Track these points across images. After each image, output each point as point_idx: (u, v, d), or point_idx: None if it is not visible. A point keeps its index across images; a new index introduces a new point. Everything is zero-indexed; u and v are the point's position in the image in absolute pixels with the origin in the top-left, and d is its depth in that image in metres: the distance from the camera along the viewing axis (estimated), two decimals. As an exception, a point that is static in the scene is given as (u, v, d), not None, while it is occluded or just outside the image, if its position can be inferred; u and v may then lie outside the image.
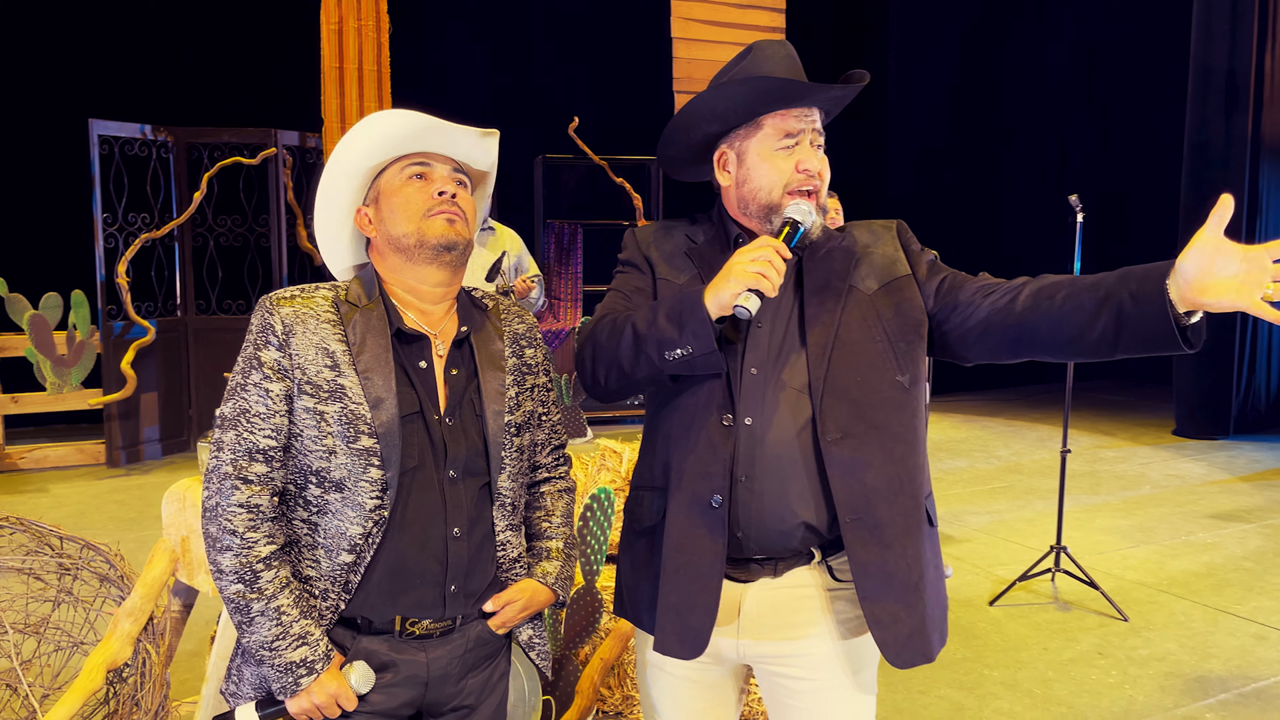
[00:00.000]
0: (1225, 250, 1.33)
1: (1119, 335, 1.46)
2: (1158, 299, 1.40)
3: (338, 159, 1.59)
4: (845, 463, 1.56)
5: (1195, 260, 1.35)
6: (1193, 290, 1.37)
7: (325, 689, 1.49)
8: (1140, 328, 1.43)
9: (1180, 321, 1.40)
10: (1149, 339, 1.43)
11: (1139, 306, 1.42)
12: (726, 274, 1.49)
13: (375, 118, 1.55)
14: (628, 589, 1.75)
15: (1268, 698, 3.22)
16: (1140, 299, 1.42)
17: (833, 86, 1.66)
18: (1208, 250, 1.34)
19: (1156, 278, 1.41)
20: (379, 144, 1.57)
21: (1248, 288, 1.33)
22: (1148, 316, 1.41)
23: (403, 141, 1.56)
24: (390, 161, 1.59)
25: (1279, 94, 7.51)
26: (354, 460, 1.49)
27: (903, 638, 1.58)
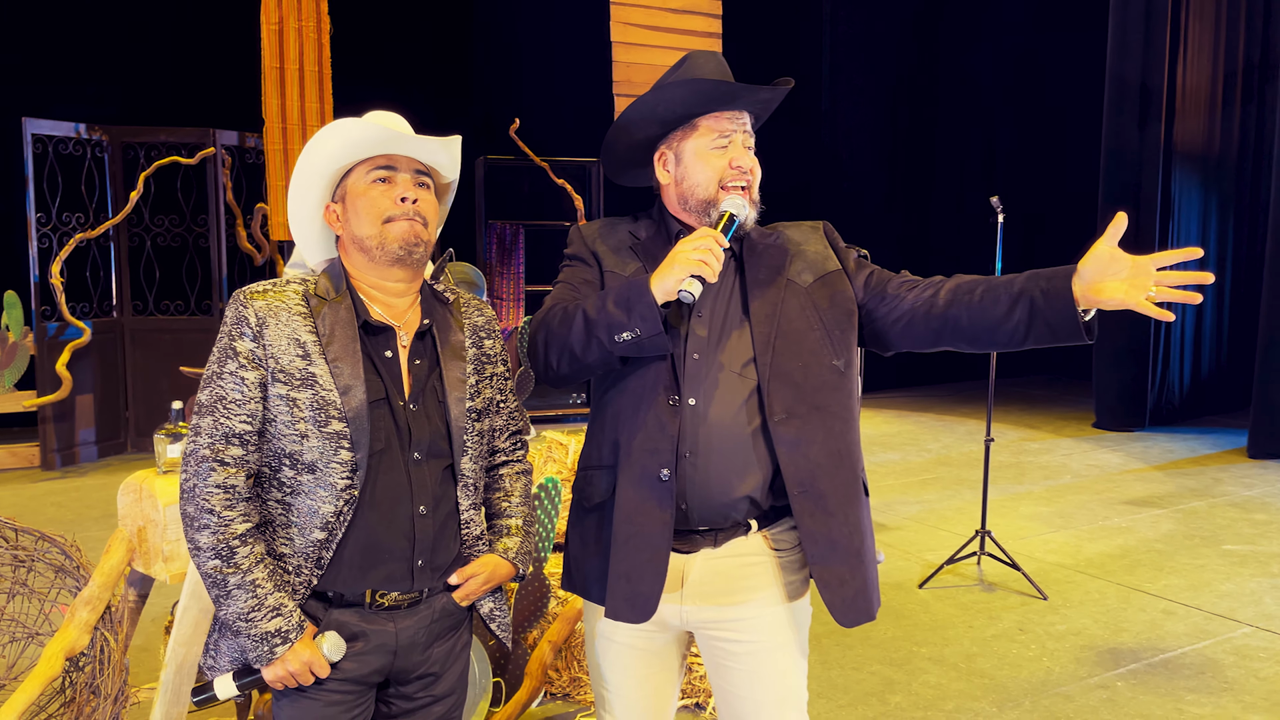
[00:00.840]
0: (1118, 258, 1.57)
1: (1030, 326, 1.67)
2: (1065, 296, 1.62)
3: (307, 159, 1.69)
4: (791, 440, 1.70)
5: (1093, 265, 1.59)
6: (1090, 290, 1.60)
7: (299, 657, 1.58)
8: (1049, 320, 1.64)
9: (1081, 317, 1.61)
10: (1056, 330, 1.65)
11: (1048, 302, 1.64)
12: (671, 262, 1.62)
13: (343, 124, 1.65)
14: (576, 564, 1.87)
15: (1174, 667, 3.45)
16: (1050, 295, 1.64)
17: (761, 88, 1.82)
18: (1104, 258, 1.58)
19: (1063, 278, 1.63)
20: (345, 148, 1.66)
21: (1135, 290, 1.56)
22: (1056, 311, 1.63)
23: (369, 145, 1.66)
24: (357, 162, 1.69)
25: (1189, 105, 7.91)
26: (325, 443, 1.59)
27: (849, 598, 1.73)
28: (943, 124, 10.41)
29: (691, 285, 1.60)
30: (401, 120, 1.75)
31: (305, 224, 1.75)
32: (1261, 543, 4.87)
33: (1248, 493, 5.85)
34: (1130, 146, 7.74)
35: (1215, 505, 5.57)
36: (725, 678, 1.83)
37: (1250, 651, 3.57)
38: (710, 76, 1.84)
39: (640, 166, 1.97)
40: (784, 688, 1.81)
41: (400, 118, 1.75)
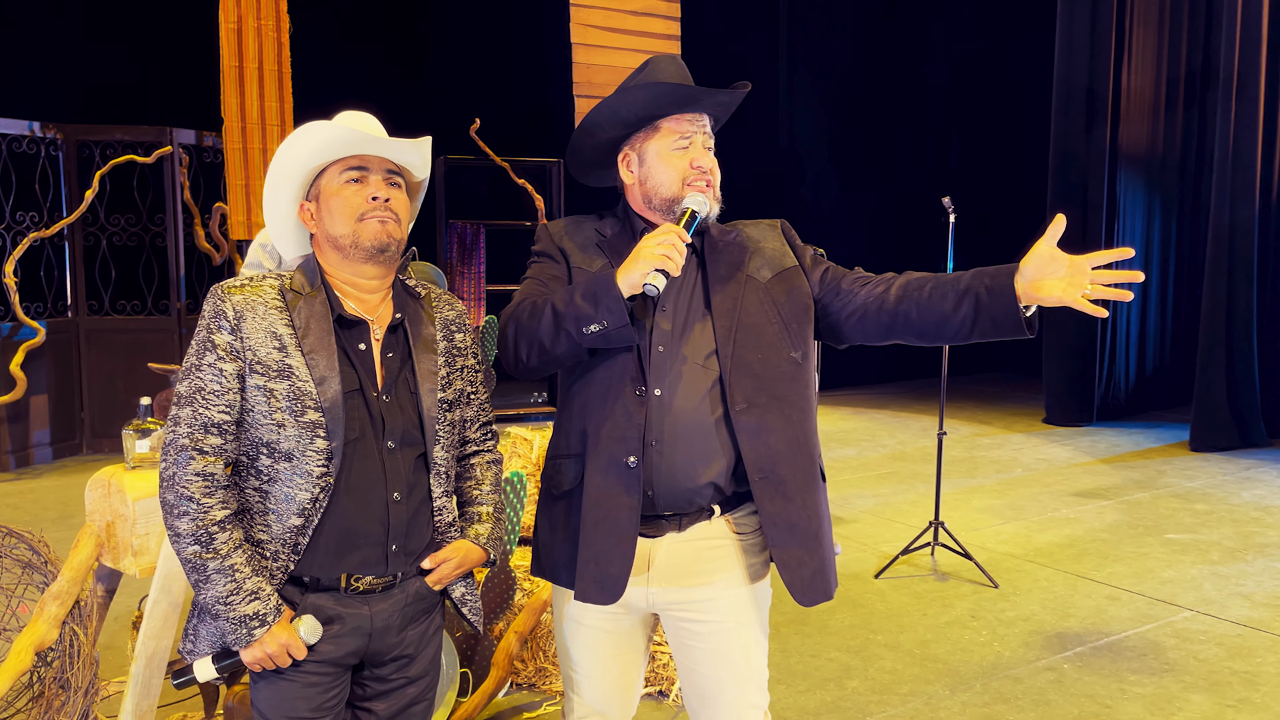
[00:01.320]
0: (1057, 257, 1.68)
1: (976, 321, 1.77)
2: (1008, 293, 1.72)
3: (280, 160, 1.74)
4: (752, 429, 1.79)
5: (1034, 265, 1.70)
6: (1031, 288, 1.70)
7: (277, 639, 1.63)
8: (993, 315, 1.75)
9: (1022, 313, 1.72)
10: (999, 325, 1.76)
11: (992, 298, 1.74)
12: (636, 257, 1.70)
13: (315, 127, 1.69)
14: (545, 550, 1.94)
15: (1118, 649, 3.59)
16: (994, 292, 1.74)
17: (720, 92, 1.90)
18: (1044, 257, 1.69)
19: (1006, 276, 1.74)
20: (318, 150, 1.71)
21: (1072, 288, 1.67)
22: (999, 307, 1.73)
23: (341, 147, 1.71)
24: (330, 163, 1.74)
25: (1134, 110, 8.14)
26: (302, 432, 1.64)
27: (807, 579, 1.82)
28: (896, 126, 10.60)
29: (656, 279, 1.68)
30: (373, 120, 1.80)
31: (280, 221, 1.80)
32: (1202, 531, 5.05)
33: (1189, 484, 6.06)
34: (1077, 149, 7.95)
35: (1159, 496, 5.76)
36: (690, 657, 1.91)
37: (1190, 635, 3.72)
38: (671, 80, 1.92)
39: (605, 167, 2.04)
40: (746, 665, 1.89)
41: (371, 118, 1.81)
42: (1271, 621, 3.83)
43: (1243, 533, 5.02)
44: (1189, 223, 8.68)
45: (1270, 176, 7.21)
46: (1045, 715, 3.09)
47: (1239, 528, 5.11)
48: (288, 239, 1.82)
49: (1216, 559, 4.61)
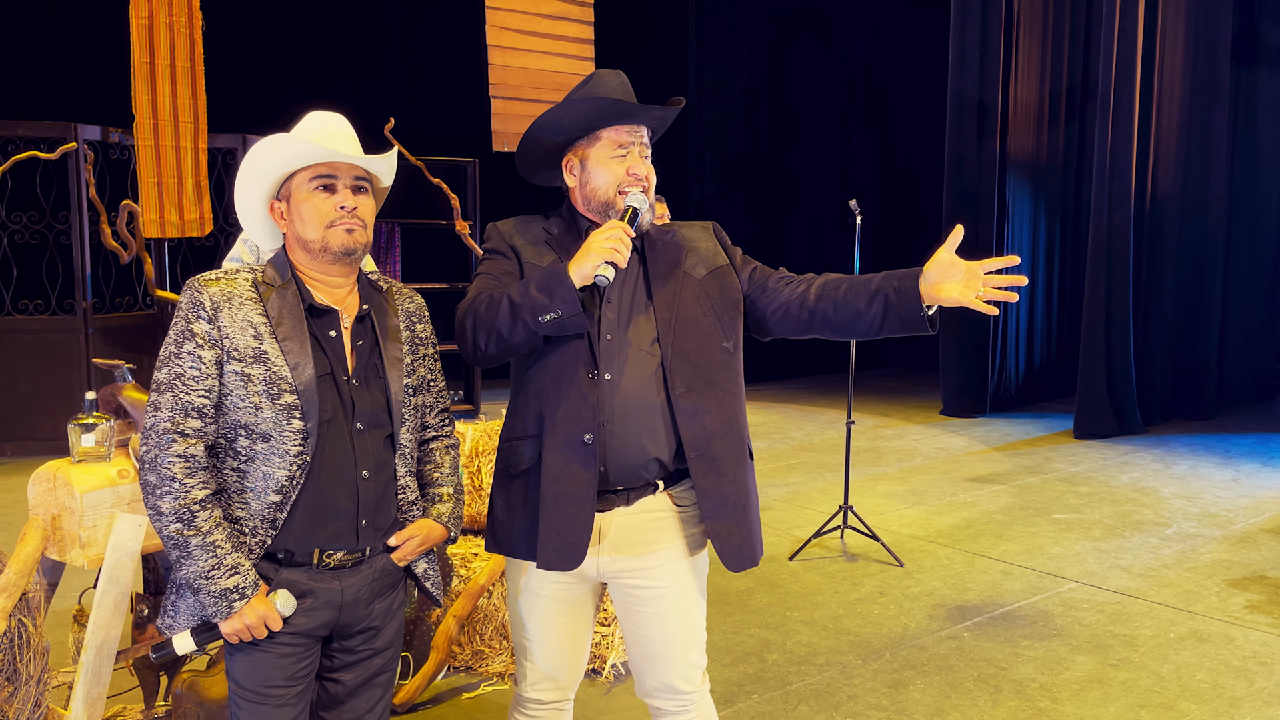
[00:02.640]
0: (955, 263, 1.93)
1: (885, 319, 2.01)
2: (914, 293, 1.96)
3: (251, 165, 1.83)
4: (689, 410, 1.97)
5: (935, 269, 1.94)
6: (933, 290, 1.94)
7: (255, 611, 1.74)
8: (900, 314, 1.98)
9: (925, 312, 1.95)
10: (905, 322, 1.99)
11: (900, 298, 1.98)
12: (586, 250, 1.86)
13: (286, 140, 1.79)
14: (503, 526, 2.08)
15: (1012, 619, 3.90)
16: (901, 293, 1.98)
17: (656, 108, 2.08)
18: (944, 263, 1.93)
19: (912, 279, 1.97)
20: (288, 159, 1.82)
21: (968, 290, 1.92)
22: (905, 306, 1.97)
23: (311, 157, 1.81)
24: (300, 168, 1.84)
25: (1021, 120, 8.63)
26: (279, 414, 1.75)
27: (735, 547, 2.01)
28: (800, 133, 10.97)
29: (606, 270, 1.85)
30: (342, 121, 1.90)
31: (252, 217, 1.91)
32: (1085, 511, 5.45)
33: (1074, 469, 6.50)
34: (970, 157, 8.40)
35: (1046, 480, 6.17)
36: (636, 621, 2.08)
37: (1076, 603, 4.05)
38: (613, 94, 2.09)
39: (550, 169, 2.20)
40: (688, 627, 2.08)
41: (340, 118, 1.90)
42: (1147, 590, 4.20)
43: (1121, 512, 5.44)
44: (1071, 226, 9.24)
45: (1144, 183, 7.75)
46: (948, 679, 3.36)
47: (1118, 507, 5.53)
48: (261, 233, 1.92)
49: (1098, 536, 4.99)
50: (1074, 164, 9.06)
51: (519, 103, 7.60)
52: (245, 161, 1.83)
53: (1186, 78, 7.90)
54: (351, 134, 1.89)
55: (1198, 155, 8.03)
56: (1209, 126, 8.00)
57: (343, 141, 1.86)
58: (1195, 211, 8.08)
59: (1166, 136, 7.90)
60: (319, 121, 1.88)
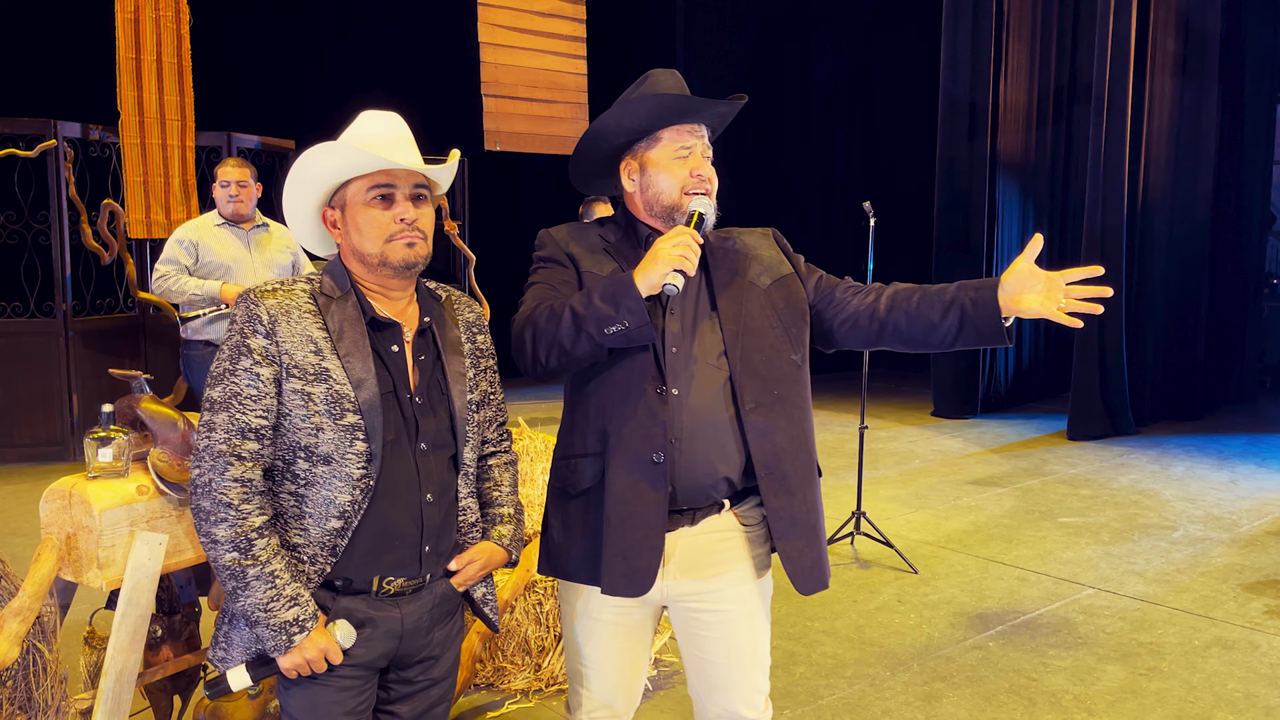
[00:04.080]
0: (1035, 274, 1.85)
1: (961, 330, 1.93)
2: (991, 305, 1.88)
3: (303, 172, 1.71)
4: (759, 427, 1.88)
5: (1014, 280, 1.86)
6: (1011, 301, 1.87)
7: (315, 644, 1.64)
8: (977, 325, 1.90)
9: (1003, 324, 1.89)
10: (982, 334, 1.91)
11: (977, 310, 1.90)
12: (654, 258, 1.77)
13: (341, 149, 1.66)
14: (559, 548, 1.98)
15: (1035, 626, 3.86)
16: (978, 304, 1.90)
17: (719, 102, 2.00)
18: (1023, 274, 1.86)
19: (989, 289, 1.89)
20: (341, 168, 1.70)
21: (1049, 302, 1.85)
22: (983, 318, 1.89)
23: (366, 165, 1.69)
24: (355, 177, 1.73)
25: (1010, 121, 8.63)
26: (341, 435, 1.65)
27: (806, 568, 1.93)
28: (787, 134, 10.92)
29: (675, 279, 1.76)
30: (399, 124, 1.79)
31: (302, 224, 1.80)
32: (1090, 514, 5.44)
33: (1072, 471, 6.49)
34: (961, 157, 8.39)
35: (1047, 483, 6.16)
36: (699, 646, 2.00)
37: (1096, 610, 4.02)
38: (671, 92, 2.00)
39: (604, 176, 2.11)
40: (754, 652, 1.99)
41: (397, 120, 1.79)
42: (1164, 596, 4.18)
43: (1126, 515, 5.43)
44: (1058, 227, 9.26)
45: (1136, 184, 7.78)
46: (980, 691, 3.30)
47: (1122, 510, 5.52)
48: (311, 240, 1.82)
49: (1107, 540, 4.98)
50: (1061, 165, 9.08)
51: (511, 101, 7.49)
52: (296, 167, 1.72)
53: (1176, 78, 7.94)
54: (408, 135, 1.78)
55: (1187, 155, 8.08)
56: (1198, 127, 8.05)
57: (401, 147, 1.74)
58: (1184, 211, 8.13)
59: (1157, 137, 7.94)
60: (375, 124, 1.76)
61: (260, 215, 4.76)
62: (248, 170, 4.63)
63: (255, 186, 4.65)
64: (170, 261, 4.54)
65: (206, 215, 4.70)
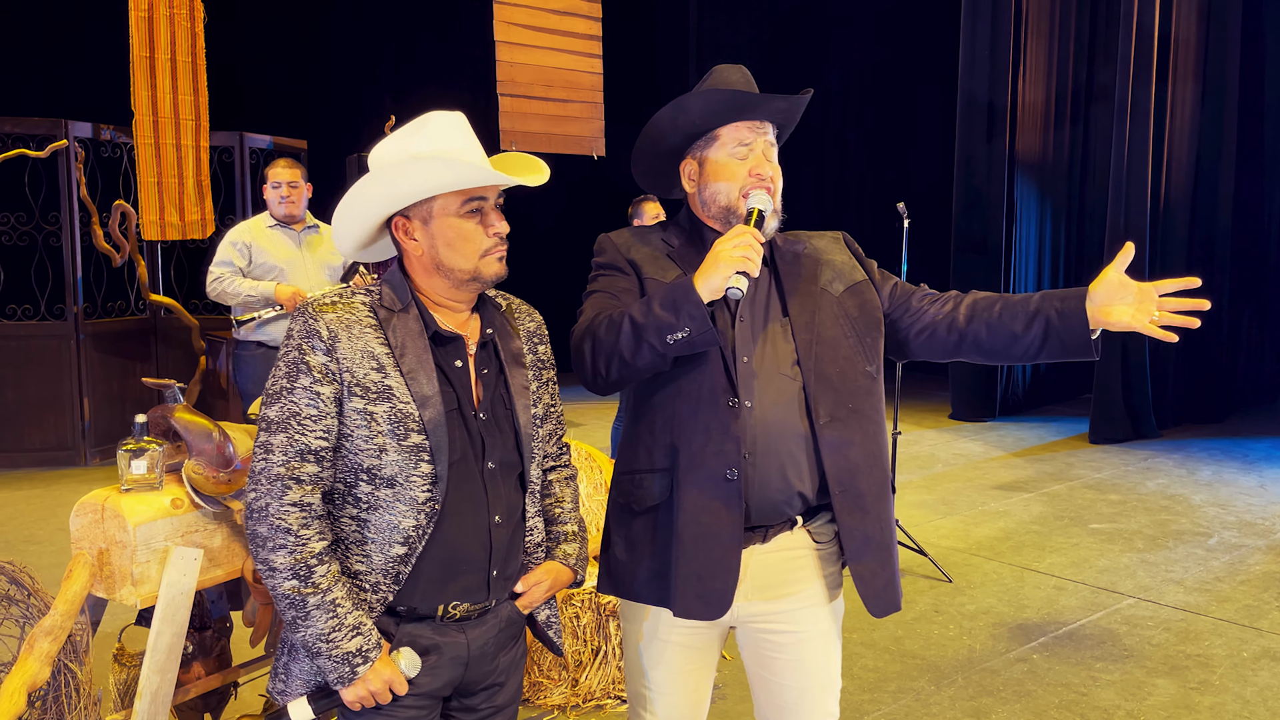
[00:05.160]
0: (1126, 284, 1.74)
1: (1045, 343, 1.82)
2: (1079, 316, 1.78)
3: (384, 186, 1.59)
4: (834, 442, 1.79)
5: (1104, 290, 1.75)
6: (1100, 312, 1.76)
7: (380, 675, 1.55)
8: (1062, 338, 1.80)
9: (1090, 335, 1.78)
10: (1068, 347, 1.81)
11: (1063, 321, 1.79)
12: (714, 261, 1.66)
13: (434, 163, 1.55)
14: (624, 567, 1.89)
15: (1079, 638, 3.77)
16: (1065, 315, 1.79)
17: (778, 97, 1.90)
18: (1114, 284, 1.75)
19: (1077, 300, 1.79)
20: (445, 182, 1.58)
21: (1141, 314, 1.73)
22: (1070, 330, 1.79)
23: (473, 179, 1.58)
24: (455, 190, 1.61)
25: (1027, 120, 8.55)
26: (405, 457, 1.56)
27: (879, 590, 1.84)
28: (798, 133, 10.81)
29: (739, 281, 1.65)
30: (463, 124, 1.68)
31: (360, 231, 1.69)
32: (1121, 520, 5.35)
33: (1098, 475, 6.41)
34: (979, 157, 8.31)
35: (1073, 488, 6.07)
36: (769, 667, 1.91)
37: (1139, 621, 3.93)
38: (732, 87, 1.92)
39: (667, 176, 2.03)
40: (827, 675, 1.91)
41: (463, 121, 1.68)
42: (1207, 606, 4.09)
43: (1158, 521, 5.34)
44: (1075, 227, 9.18)
45: (1159, 185, 7.69)
46: (1030, 706, 3.22)
47: (1153, 516, 5.43)
48: (352, 245, 1.71)
49: (1141, 547, 4.89)
50: (1078, 165, 9.00)
51: (526, 100, 7.39)
52: (372, 180, 1.59)
53: (1197, 79, 7.85)
54: (478, 144, 1.68)
55: (1208, 157, 7.99)
56: (1219, 127, 7.96)
57: (482, 156, 1.65)
58: (1205, 212, 8.04)
59: (1178, 138, 7.85)
60: (450, 136, 1.62)
61: (311, 216, 4.74)
62: (299, 171, 4.61)
63: (306, 187, 4.65)
64: (224, 263, 4.52)
65: (258, 216, 4.70)
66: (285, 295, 4.43)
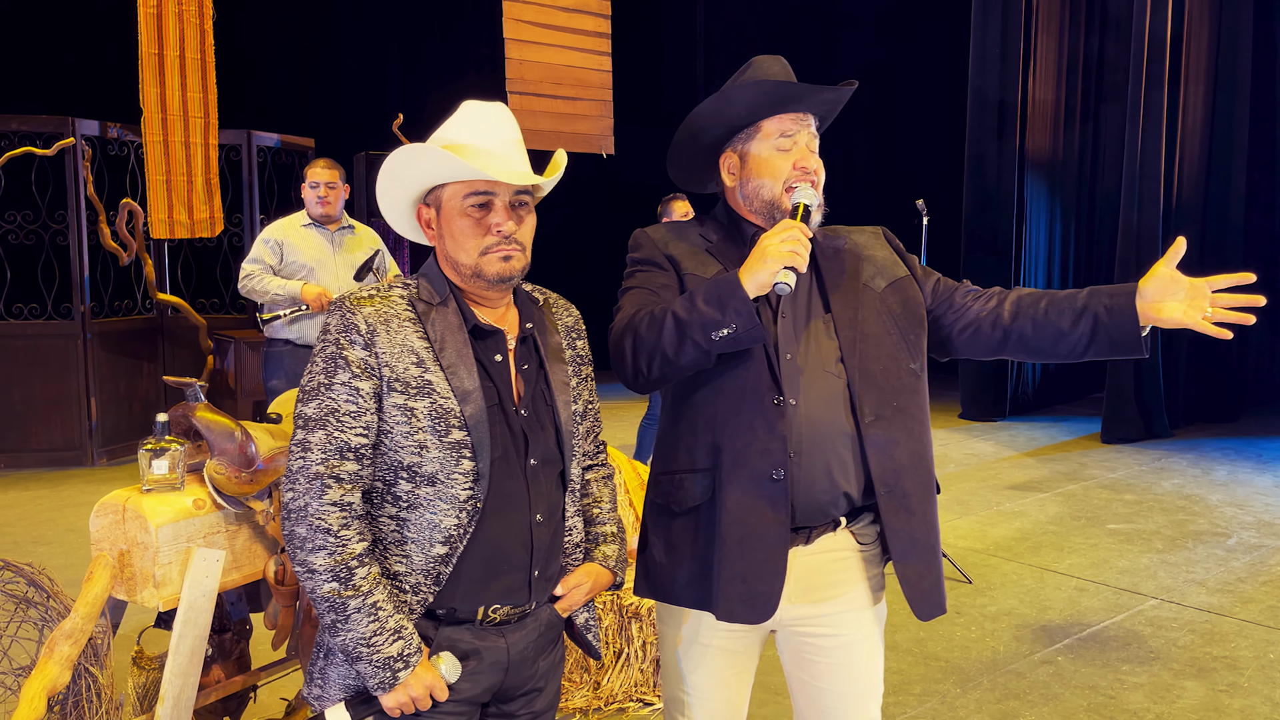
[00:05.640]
0: (1178, 280, 1.69)
1: (1093, 340, 1.77)
2: (1129, 313, 1.73)
3: (394, 170, 1.58)
4: (880, 442, 1.75)
5: (1155, 286, 1.70)
6: (1150, 309, 1.71)
7: (421, 681, 1.51)
8: (1111, 335, 1.75)
9: (1140, 333, 1.73)
10: (1116, 344, 1.76)
11: (1112, 318, 1.74)
12: (761, 256, 1.62)
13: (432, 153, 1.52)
14: (661, 570, 1.85)
15: (1103, 640, 3.73)
16: (1114, 312, 1.74)
17: (824, 89, 1.86)
18: (1165, 280, 1.69)
19: (1126, 296, 1.74)
20: (433, 173, 1.56)
21: (1193, 310, 1.68)
22: (1119, 327, 1.74)
23: (460, 173, 1.55)
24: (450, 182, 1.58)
25: (1039, 119, 8.51)
26: (446, 454, 1.52)
27: (925, 592, 1.80)
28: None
29: (787, 276, 1.61)
30: (504, 122, 1.63)
31: (398, 218, 1.68)
32: (1138, 521, 5.31)
33: (1112, 475, 6.36)
34: (990, 155, 8.26)
35: (1088, 488, 6.02)
36: (811, 672, 1.86)
37: (1163, 622, 3.89)
38: (774, 79, 1.87)
39: (705, 171, 1.98)
40: (870, 679, 1.86)
41: (504, 116, 1.63)
42: (1231, 607, 4.05)
43: (1175, 522, 5.30)
44: (1085, 225, 9.14)
45: (1171, 183, 7.64)
46: (1058, 710, 3.17)
47: (1171, 517, 5.39)
48: (408, 229, 1.69)
49: (1161, 548, 4.85)
50: (1088, 163, 8.96)
51: (536, 98, 7.35)
52: (389, 163, 1.58)
53: (1209, 78, 7.81)
54: (517, 136, 1.62)
55: (1220, 154, 7.95)
56: (1231, 126, 7.92)
57: (508, 151, 1.59)
58: (1218, 210, 8.00)
59: (1190, 136, 7.80)
60: (480, 123, 1.59)
61: (347, 217, 4.72)
62: (337, 172, 4.58)
63: (344, 188, 4.63)
64: (256, 261, 4.51)
65: (294, 215, 4.68)
66: (311, 295, 4.41)
